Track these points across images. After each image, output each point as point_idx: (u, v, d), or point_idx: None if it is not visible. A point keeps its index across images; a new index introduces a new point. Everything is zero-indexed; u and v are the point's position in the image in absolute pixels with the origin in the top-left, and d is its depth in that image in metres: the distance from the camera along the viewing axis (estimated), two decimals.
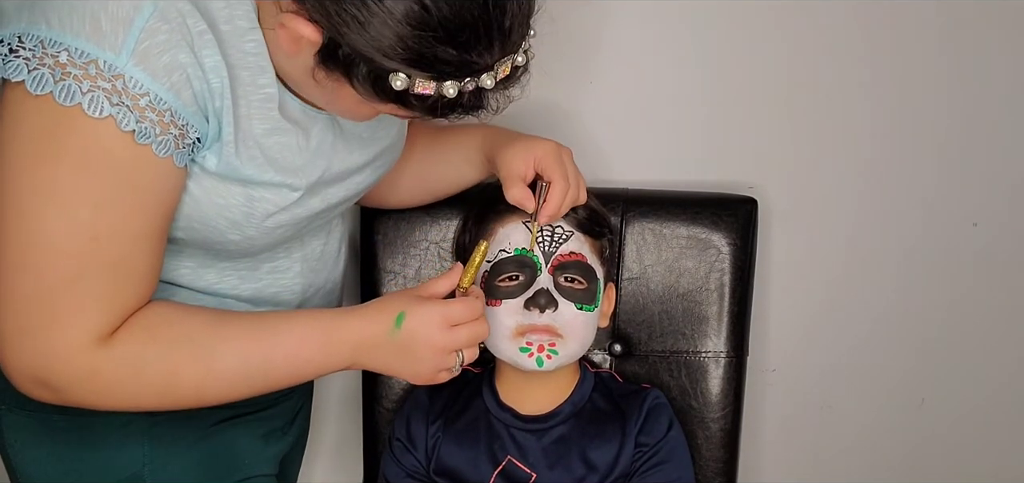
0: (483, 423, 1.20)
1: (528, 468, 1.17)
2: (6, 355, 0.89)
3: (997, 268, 1.45)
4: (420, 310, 0.98)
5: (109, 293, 0.89)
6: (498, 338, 1.13)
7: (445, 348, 0.99)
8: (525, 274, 1.13)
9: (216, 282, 1.04)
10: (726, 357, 1.30)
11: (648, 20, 1.36)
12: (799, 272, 1.45)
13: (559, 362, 1.13)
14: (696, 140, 1.41)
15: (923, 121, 1.39)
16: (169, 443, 1.04)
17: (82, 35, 0.83)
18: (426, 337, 0.98)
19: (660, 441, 1.18)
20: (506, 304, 1.13)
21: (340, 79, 0.87)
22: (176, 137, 0.87)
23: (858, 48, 1.37)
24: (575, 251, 1.14)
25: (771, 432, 1.50)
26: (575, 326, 1.13)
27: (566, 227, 1.15)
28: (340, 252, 1.20)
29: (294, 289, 1.11)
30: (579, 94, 1.38)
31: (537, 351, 1.12)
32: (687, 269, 1.30)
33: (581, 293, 1.13)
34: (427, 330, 0.98)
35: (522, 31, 0.88)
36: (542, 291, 1.12)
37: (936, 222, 1.43)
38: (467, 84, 0.86)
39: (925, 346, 1.48)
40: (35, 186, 0.85)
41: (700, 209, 1.30)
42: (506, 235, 1.15)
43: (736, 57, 1.37)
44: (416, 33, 0.82)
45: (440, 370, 1.01)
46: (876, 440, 1.52)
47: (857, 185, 1.42)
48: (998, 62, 1.37)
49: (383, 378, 1.32)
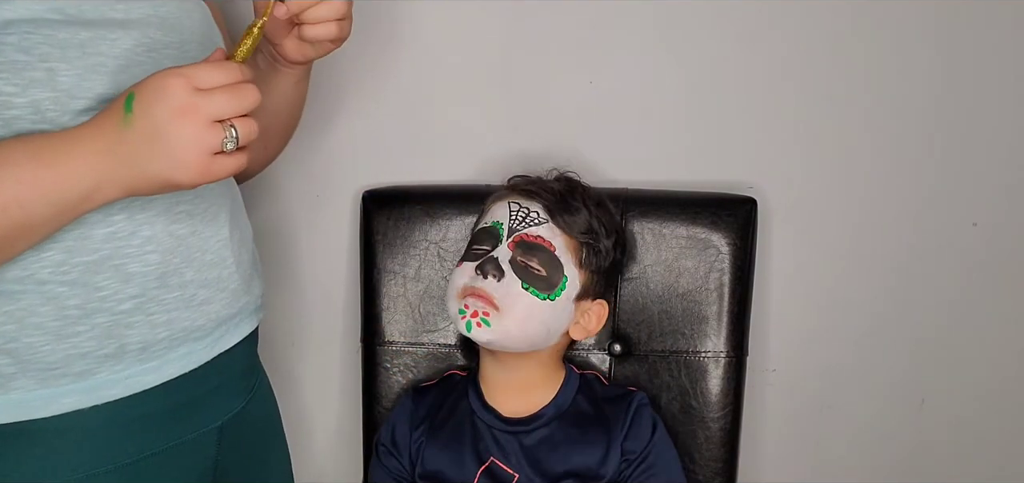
0: (468, 424, 1.20)
1: (511, 469, 1.17)
2: None
3: (997, 268, 1.45)
4: (151, 81, 0.82)
5: None
6: (449, 297, 1.18)
7: (199, 119, 0.81)
8: (490, 243, 1.16)
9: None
10: (726, 357, 1.30)
11: (648, 20, 1.36)
12: (799, 272, 1.45)
13: (491, 335, 1.13)
14: (696, 140, 1.41)
15: (923, 121, 1.39)
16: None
17: None
18: (168, 108, 0.81)
19: (646, 447, 1.19)
20: (464, 266, 1.17)
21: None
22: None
23: (858, 48, 1.37)
24: (543, 237, 1.15)
25: (771, 432, 1.50)
26: (516, 305, 1.13)
27: (542, 214, 1.17)
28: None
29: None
30: (579, 94, 1.38)
31: (470, 315, 1.13)
32: (687, 269, 1.30)
33: (535, 277, 1.14)
34: (166, 99, 0.80)
35: None
36: (491, 258, 1.14)
37: (936, 222, 1.43)
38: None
39: (925, 346, 1.48)
40: None
41: (700, 209, 1.30)
42: (492, 212, 1.19)
43: (736, 57, 1.37)
44: None
45: (207, 152, 0.82)
46: (876, 440, 1.52)
47: (857, 185, 1.42)
48: (998, 62, 1.37)
49: (383, 378, 1.32)
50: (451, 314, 1.17)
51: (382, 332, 1.32)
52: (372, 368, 1.33)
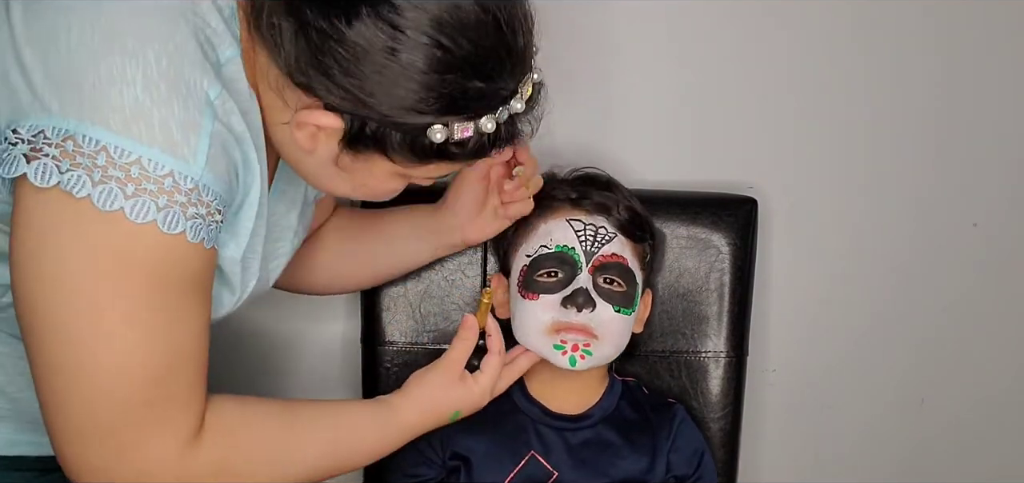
0: (508, 415, 1.18)
1: (551, 466, 1.15)
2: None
3: (997, 268, 1.45)
4: (469, 399, 1.09)
5: (188, 393, 0.85)
6: (532, 333, 1.13)
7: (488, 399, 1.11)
8: (565, 271, 1.12)
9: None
10: (726, 357, 1.30)
11: (648, 20, 1.36)
12: (799, 272, 1.45)
13: (592, 363, 1.12)
14: (696, 140, 1.41)
15: (923, 121, 1.40)
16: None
17: (156, 144, 0.77)
18: (475, 408, 1.11)
19: (696, 472, 1.19)
20: (543, 299, 1.12)
21: (372, 156, 0.85)
22: (219, 222, 0.84)
23: (858, 48, 1.37)
24: (617, 253, 1.14)
25: (771, 432, 1.50)
26: (611, 328, 1.12)
27: (610, 228, 1.15)
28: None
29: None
30: (579, 95, 1.38)
31: (571, 350, 1.11)
32: (687, 269, 1.30)
33: (619, 296, 1.13)
34: (476, 406, 1.11)
35: (530, 46, 0.88)
36: (581, 290, 1.11)
37: (936, 222, 1.43)
38: (501, 114, 0.86)
39: (925, 346, 1.48)
40: (111, 310, 0.79)
41: (700, 209, 1.30)
42: (547, 231, 1.15)
43: (736, 57, 1.37)
44: (443, 78, 0.81)
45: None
46: (876, 440, 1.52)
47: (857, 185, 1.42)
48: (998, 62, 1.37)
49: (383, 378, 1.32)
50: (538, 349, 1.13)
51: (382, 332, 1.31)
52: (372, 368, 1.32)
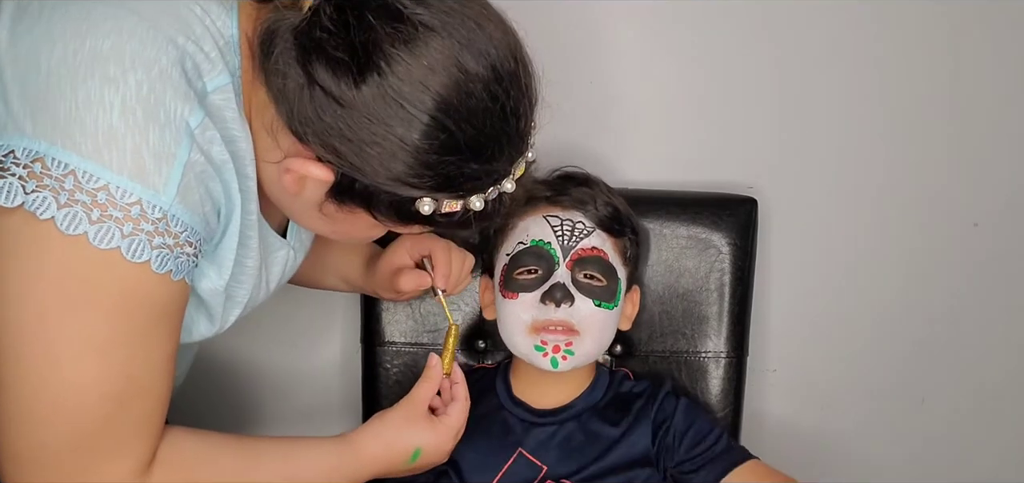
0: (495, 417, 1.19)
1: (539, 461, 1.16)
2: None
3: (997, 268, 1.45)
4: (433, 438, 1.04)
5: (143, 424, 0.85)
6: (514, 332, 1.13)
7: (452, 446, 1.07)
8: (542, 267, 1.12)
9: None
10: (726, 357, 1.30)
11: (648, 20, 1.36)
12: (799, 272, 1.45)
13: (574, 363, 1.12)
14: (696, 140, 1.41)
15: (923, 121, 1.39)
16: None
17: (124, 171, 0.76)
18: (438, 452, 1.05)
19: (674, 411, 1.17)
20: (522, 298, 1.12)
21: (357, 209, 0.85)
22: (192, 255, 0.83)
23: (858, 48, 1.37)
24: (596, 246, 1.14)
25: (771, 432, 1.50)
26: (592, 323, 1.12)
27: (587, 223, 1.15)
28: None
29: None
30: (579, 95, 1.38)
31: (552, 351, 1.11)
32: (687, 269, 1.30)
33: (599, 289, 1.12)
34: (440, 450, 1.05)
35: (530, 126, 0.88)
36: (558, 285, 1.11)
37: (936, 222, 1.43)
38: (491, 193, 0.85)
39: (925, 346, 1.48)
40: (68, 334, 0.78)
41: (700, 209, 1.30)
42: (524, 228, 1.15)
43: (736, 57, 1.37)
44: (442, 159, 0.80)
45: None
46: (876, 440, 1.52)
47: (857, 185, 1.42)
48: (998, 62, 1.37)
49: (383, 378, 1.32)
50: (520, 350, 1.13)
51: (382, 332, 1.31)
52: (372, 368, 1.33)
